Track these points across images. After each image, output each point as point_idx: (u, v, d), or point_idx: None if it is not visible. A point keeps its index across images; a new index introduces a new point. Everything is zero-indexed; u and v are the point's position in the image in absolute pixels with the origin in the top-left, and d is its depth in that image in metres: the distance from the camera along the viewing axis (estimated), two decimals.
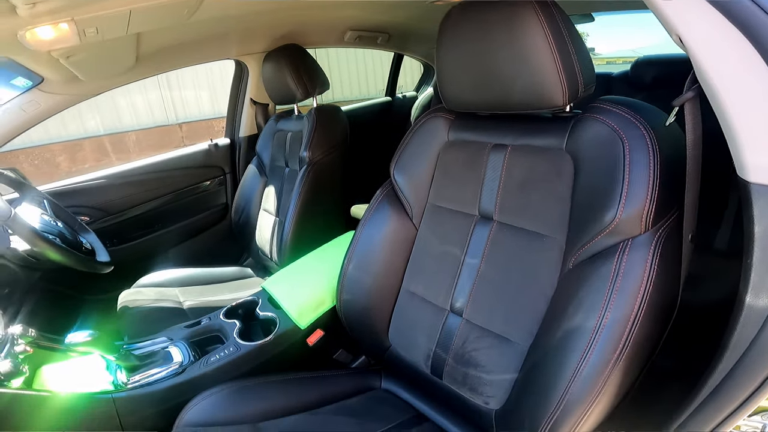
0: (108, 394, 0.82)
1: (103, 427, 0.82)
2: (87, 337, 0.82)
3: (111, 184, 1.54)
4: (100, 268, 1.08)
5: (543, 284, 0.69)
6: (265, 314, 1.01)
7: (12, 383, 0.75)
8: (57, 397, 0.77)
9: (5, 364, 0.74)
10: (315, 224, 1.37)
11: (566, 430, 0.59)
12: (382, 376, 0.96)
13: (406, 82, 2.75)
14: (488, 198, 0.78)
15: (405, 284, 0.89)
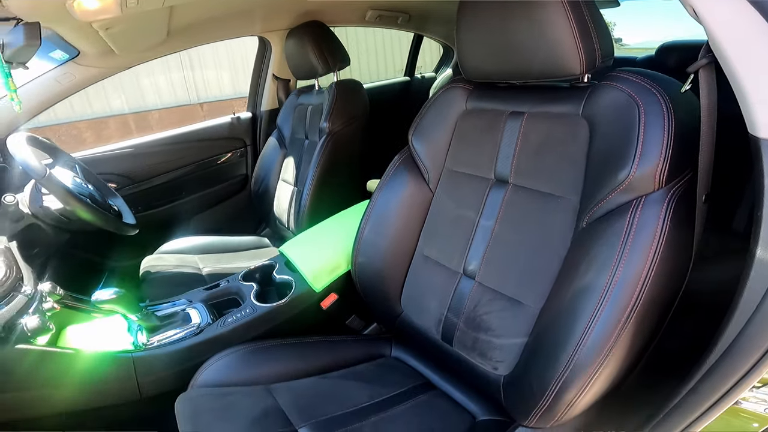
0: (128, 353, 0.86)
1: (121, 386, 0.85)
2: (112, 295, 0.85)
3: (138, 153, 1.61)
4: (126, 230, 1.12)
5: (556, 244, 0.70)
6: (281, 278, 1.04)
7: (38, 340, 0.78)
8: (80, 355, 0.82)
9: (33, 319, 0.78)
10: (332, 194, 1.39)
11: (573, 393, 0.60)
12: (393, 344, 0.99)
13: (425, 62, 2.74)
14: (504, 162, 0.80)
15: (419, 248, 0.91)
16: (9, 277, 0.78)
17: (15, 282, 0.80)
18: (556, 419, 0.64)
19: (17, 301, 0.78)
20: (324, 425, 0.75)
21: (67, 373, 0.81)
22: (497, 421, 0.78)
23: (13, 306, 0.76)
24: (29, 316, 0.78)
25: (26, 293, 0.80)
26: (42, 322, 0.78)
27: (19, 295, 0.79)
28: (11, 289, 0.78)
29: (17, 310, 0.76)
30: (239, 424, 0.73)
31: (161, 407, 0.82)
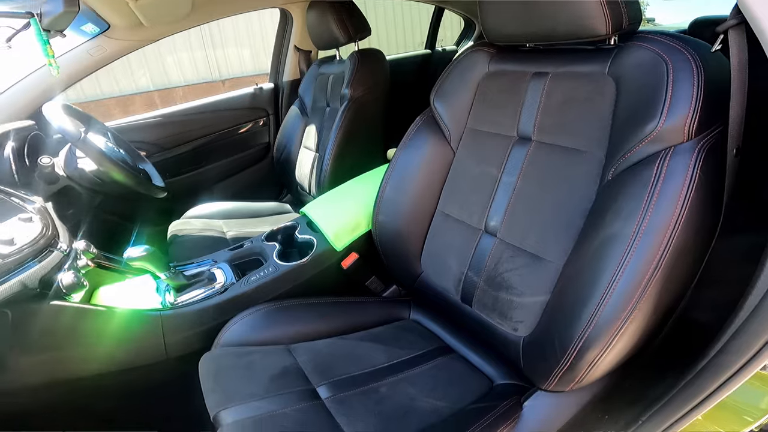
0: (156, 312, 0.88)
1: (149, 345, 0.88)
2: (143, 252, 0.87)
3: (165, 123, 1.67)
4: (156, 192, 1.16)
5: (581, 197, 0.68)
6: (303, 237, 1.06)
7: (72, 297, 0.80)
8: (112, 313, 0.84)
9: (68, 276, 0.79)
10: (353, 159, 1.40)
11: (596, 351, 0.58)
12: (411, 307, 1.00)
13: (445, 36, 2.68)
14: (527, 119, 0.78)
15: (440, 206, 0.91)
16: (45, 234, 0.80)
17: (51, 239, 0.81)
18: (577, 381, 0.63)
19: (53, 257, 0.79)
20: (342, 384, 0.77)
21: (99, 331, 0.83)
22: (515, 385, 0.78)
23: (49, 262, 0.77)
24: (65, 272, 0.79)
25: (62, 250, 0.82)
26: (77, 279, 0.79)
27: (54, 251, 0.80)
28: (47, 245, 0.79)
29: (53, 266, 0.78)
30: (259, 382, 0.75)
31: (186, 368, 0.85)
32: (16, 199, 0.90)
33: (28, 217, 0.83)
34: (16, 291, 0.69)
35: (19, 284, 0.70)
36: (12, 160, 1.01)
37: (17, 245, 0.74)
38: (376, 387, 0.77)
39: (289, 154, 1.66)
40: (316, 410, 0.72)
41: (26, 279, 0.72)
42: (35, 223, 0.82)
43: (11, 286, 0.69)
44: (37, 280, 0.74)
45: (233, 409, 0.71)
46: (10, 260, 0.71)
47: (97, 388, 0.88)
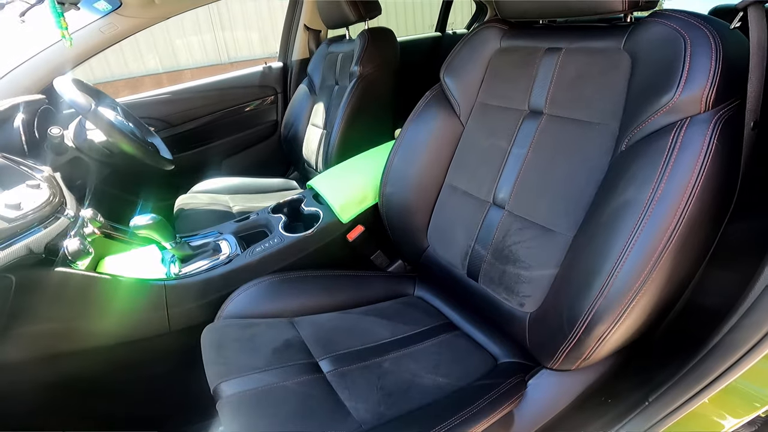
0: (161, 281, 0.88)
1: (153, 316, 0.87)
2: (149, 221, 0.87)
3: (174, 99, 1.68)
4: (163, 164, 1.16)
5: (593, 169, 0.67)
6: (309, 210, 1.05)
7: (78, 264, 0.80)
8: (116, 281, 0.83)
9: (74, 242, 0.78)
10: (361, 136, 1.39)
11: (605, 326, 0.57)
12: (416, 283, 0.99)
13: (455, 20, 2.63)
14: (539, 93, 0.77)
15: (448, 179, 0.90)
16: (52, 201, 0.79)
17: (58, 206, 0.81)
18: (584, 357, 0.62)
19: (59, 223, 0.79)
20: (344, 358, 0.77)
21: (103, 300, 0.82)
22: (519, 363, 0.77)
23: (55, 227, 0.77)
24: (70, 239, 0.79)
25: (68, 216, 0.82)
26: (83, 246, 0.79)
27: (61, 218, 0.80)
28: (54, 211, 0.79)
29: (59, 232, 0.77)
30: (261, 355, 0.75)
31: (188, 342, 0.85)
32: (25, 168, 0.90)
33: (36, 184, 0.82)
34: (21, 255, 0.68)
35: (25, 249, 0.69)
36: (22, 131, 1.01)
37: (24, 210, 0.74)
38: (379, 362, 0.76)
39: (297, 131, 1.65)
40: (318, 383, 0.71)
41: (32, 244, 0.71)
42: (43, 190, 0.82)
43: (16, 250, 0.68)
44: (42, 246, 0.73)
45: (234, 381, 0.70)
46: (16, 224, 0.71)
47: (99, 362, 0.88)
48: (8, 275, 0.66)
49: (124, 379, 0.94)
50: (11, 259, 0.66)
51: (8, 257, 0.66)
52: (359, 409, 0.67)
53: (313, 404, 0.67)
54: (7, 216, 0.71)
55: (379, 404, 0.68)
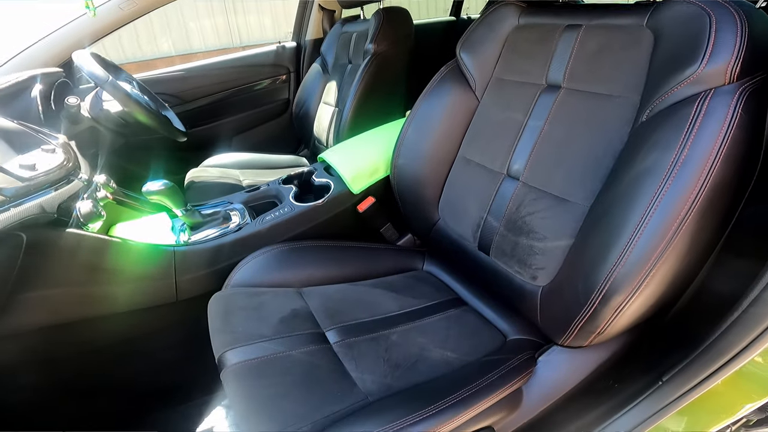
0: (170, 247, 0.88)
1: (161, 284, 0.87)
2: (161, 186, 0.87)
3: (188, 76, 1.68)
4: (176, 135, 1.16)
5: (612, 139, 0.65)
6: (320, 181, 1.05)
7: (90, 226, 0.80)
8: (126, 245, 0.83)
9: (86, 204, 0.79)
10: (372, 114, 1.38)
11: (621, 298, 0.55)
12: (425, 258, 0.98)
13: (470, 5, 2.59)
14: (557, 68, 0.76)
15: (461, 152, 0.89)
16: (66, 165, 0.80)
17: (72, 169, 0.81)
18: (597, 332, 0.60)
19: (73, 185, 0.79)
20: (351, 329, 0.76)
21: (112, 265, 0.82)
22: (529, 341, 0.75)
23: (68, 189, 0.77)
24: (83, 201, 0.80)
25: (82, 180, 0.83)
26: (95, 208, 0.80)
27: (75, 180, 0.80)
28: (68, 174, 0.79)
29: (72, 194, 0.78)
30: (268, 324, 0.75)
31: (195, 313, 0.85)
32: (41, 134, 0.91)
33: (51, 149, 0.82)
34: (34, 214, 0.68)
35: (38, 207, 0.69)
36: (39, 101, 1.02)
37: (38, 171, 0.74)
38: (386, 334, 0.76)
39: (308, 109, 1.65)
40: (324, 354, 0.71)
41: (44, 203, 0.71)
42: (57, 154, 0.82)
43: (29, 208, 0.67)
44: (55, 206, 0.73)
45: (239, 349, 0.70)
46: (30, 184, 0.70)
47: (104, 333, 0.88)
48: (19, 233, 0.65)
49: (128, 351, 0.94)
50: (23, 216, 0.66)
51: (20, 215, 0.65)
52: (365, 381, 0.67)
53: (319, 374, 0.67)
54: (21, 175, 0.70)
55: (386, 376, 0.68)
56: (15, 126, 0.84)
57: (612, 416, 0.70)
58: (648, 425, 0.65)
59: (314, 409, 0.61)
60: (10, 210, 0.64)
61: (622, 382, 0.75)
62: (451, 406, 0.58)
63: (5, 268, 0.65)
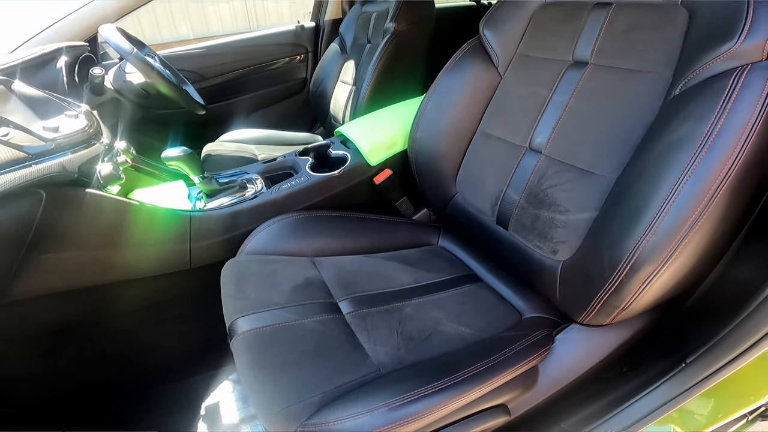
0: (186, 212, 0.88)
1: (175, 250, 0.87)
2: (180, 153, 0.87)
3: (208, 54, 1.71)
4: (196, 107, 1.17)
5: (642, 112, 0.63)
6: (337, 153, 1.04)
7: (109, 188, 0.81)
8: (143, 208, 0.83)
9: (107, 166, 0.80)
10: (391, 92, 1.36)
11: (650, 269, 0.52)
12: (440, 233, 0.97)
13: None
14: (585, 45, 0.74)
15: (481, 127, 0.87)
16: (88, 130, 0.80)
17: (94, 134, 0.82)
18: (622, 307, 0.58)
19: (94, 148, 0.80)
20: (364, 300, 0.75)
21: (129, 228, 0.82)
22: (546, 319, 0.74)
23: (90, 151, 0.78)
24: (104, 163, 0.81)
25: (103, 143, 0.84)
26: (115, 171, 0.81)
27: (96, 143, 0.81)
28: (90, 137, 0.80)
29: (93, 156, 0.79)
30: (280, 291, 0.74)
31: (208, 281, 0.85)
32: (65, 103, 0.92)
33: (74, 115, 0.84)
34: (55, 172, 0.68)
35: (59, 166, 0.70)
36: (64, 72, 1.04)
37: (61, 133, 0.75)
38: (400, 307, 0.75)
39: (325, 88, 1.65)
40: (336, 323, 0.70)
41: (66, 162, 0.71)
42: (80, 120, 0.83)
43: (50, 166, 0.68)
44: (76, 166, 0.74)
45: (251, 317, 0.70)
46: (53, 144, 0.71)
47: (116, 299, 0.88)
48: (39, 190, 0.66)
49: (139, 321, 0.95)
50: (44, 174, 0.66)
51: (41, 172, 0.66)
52: (378, 353, 0.66)
53: (332, 344, 0.66)
54: (44, 136, 0.71)
55: (399, 349, 0.67)
56: (40, 94, 0.85)
57: (632, 398, 0.68)
58: (671, 407, 0.63)
59: (325, 379, 0.60)
60: (32, 166, 0.64)
61: (640, 365, 0.73)
62: (466, 379, 0.57)
63: (24, 224, 0.65)
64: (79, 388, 0.95)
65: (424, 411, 0.54)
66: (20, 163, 0.63)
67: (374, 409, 0.53)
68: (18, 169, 0.62)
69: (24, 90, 0.84)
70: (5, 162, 0.61)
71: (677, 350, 0.67)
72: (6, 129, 0.68)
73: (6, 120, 0.70)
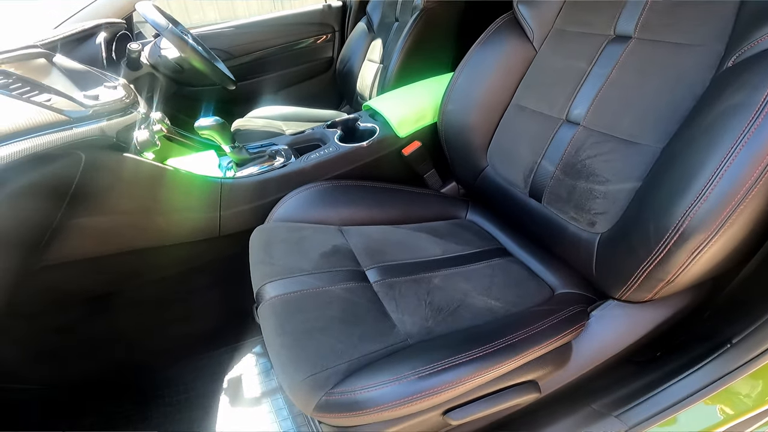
0: (217, 180, 0.89)
1: (205, 217, 0.89)
2: (213, 122, 0.89)
3: (238, 32, 1.73)
4: (227, 82, 1.20)
5: (691, 84, 0.60)
6: (365, 125, 1.03)
7: (145, 154, 0.83)
8: (177, 173, 0.85)
9: (143, 133, 0.83)
10: (420, 70, 1.32)
11: (701, 237, 0.49)
12: (469, 207, 0.95)
13: None
14: (627, 19, 0.70)
15: (515, 100, 0.85)
16: (126, 99, 0.84)
17: (131, 103, 0.86)
18: (666, 281, 0.55)
19: (132, 116, 0.83)
20: (392, 270, 0.74)
21: (162, 192, 0.83)
22: (580, 295, 0.71)
23: (128, 118, 0.81)
24: (141, 130, 0.84)
25: (140, 112, 0.87)
26: (151, 138, 0.84)
27: (134, 112, 0.84)
28: (128, 106, 0.83)
29: (131, 123, 0.81)
30: (309, 257, 0.74)
31: (235, 251, 0.86)
32: (104, 76, 0.95)
33: (113, 86, 0.87)
34: (94, 136, 0.71)
35: (98, 130, 0.72)
36: (103, 47, 1.08)
37: (101, 101, 0.78)
38: (428, 277, 0.73)
39: (352, 66, 1.64)
40: (363, 291, 0.69)
41: (105, 127, 0.74)
42: (119, 90, 0.86)
43: (90, 130, 0.70)
44: (115, 132, 0.76)
45: (279, 282, 0.69)
46: (93, 110, 0.74)
47: (146, 265, 0.90)
48: (79, 152, 0.67)
49: (167, 290, 0.96)
50: (84, 137, 0.68)
51: (81, 135, 0.68)
52: (406, 322, 0.65)
53: (359, 312, 0.65)
54: (85, 103, 0.74)
55: (427, 319, 0.65)
56: (80, 67, 0.89)
57: (670, 380, 0.65)
58: (715, 389, 0.60)
59: (352, 346, 0.59)
60: (72, 129, 0.66)
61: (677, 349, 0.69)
62: (499, 350, 0.55)
63: (63, 184, 0.67)
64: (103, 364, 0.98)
65: (454, 381, 0.52)
66: (62, 125, 0.65)
67: (403, 378, 0.52)
68: (60, 131, 0.63)
69: (65, 63, 0.87)
70: (48, 124, 0.63)
71: (720, 332, 0.63)
72: (48, 95, 0.70)
73: (49, 87, 0.73)
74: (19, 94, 0.65)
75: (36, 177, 0.59)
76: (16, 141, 0.55)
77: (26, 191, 0.58)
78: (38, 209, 0.65)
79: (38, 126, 0.61)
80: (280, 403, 0.95)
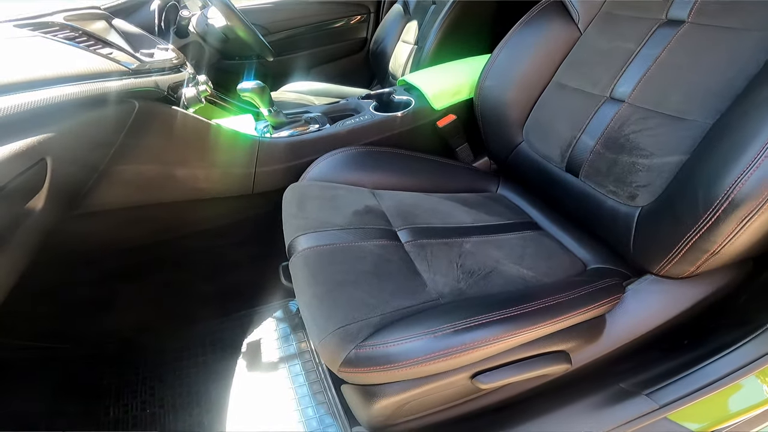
0: (256, 138, 0.91)
1: (241, 173, 0.91)
2: (255, 86, 0.92)
3: (276, 9, 1.77)
4: (267, 53, 1.24)
5: (746, 63, 0.60)
6: (400, 98, 1.05)
7: (190, 110, 0.87)
8: (219, 128, 0.87)
9: (191, 90, 0.88)
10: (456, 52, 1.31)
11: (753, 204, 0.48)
12: (500, 181, 0.96)
13: None
14: (682, 4, 0.70)
15: (555, 78, 0.86)
16: (176, 60, 0.90)
17: (181, 63, 0.92)
18: (711, 252, 0.53)
19: (182, 74, 0.88)
20: (424, 232, 0.74)
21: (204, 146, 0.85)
22: (614, 270, 0.70)
23: (178, 75, 0.86)
24: (188, 88, 0.88)
25: (189, 72, 0.92)
26: (198, 95, 0.89)
27: (183, 71, 0.90)
28: (178, 65, 0.89)
29: (180, 81, 0.86)
30: (341, 214, 0.75)
31: (267, 209, 0.88)
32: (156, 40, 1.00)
33: (165, 48, 0.92)
34: (149, 87, 0.75)
35: (152, 83, 0.76)
36: (156, 14, 1.14)
37: (156, 58, 0.83)
38: (460, 242, 0.73)
39: (386, 46, 1.65)
40: (395, 250, 0.70)
41: (159, 81, 0.78)
42: (170, 52, 0.91)
43: (145, 81, 0.74)
44: (166, 86, 0.80)
45: (311, 235, 0.70)
46: (149, 64, 0.78)
47: (182, 219, 0.92)
48: (133, 100, 0.71)
49: (199, 245, 0.98)
50: (139, 87, 0.72)
51: (137, 85, 0.71)
52: (437, 282, 0.65)
53: (391, 268, 0.65)
54: (143, 59, 0.79)
55: (459, 281, 0.66)
56: (137, 30, 0.94)
57: (703, 362, 0.63)
58: (751, 369, 0.58)
59: (384, 302, 0.59)
60: (130, 79, 0.70)
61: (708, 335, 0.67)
62: (535, 311, 0.54)
63: (116, 128, 0.70)
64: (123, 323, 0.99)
65: (490, 338, 0.51)
66: (121, 75, 0.69)
67: (438, 330, 0.51)
68: (118, 79, 0.67)
69: (123, 26, 0.92)
70: (108, 72, 0.66)
71: (754, 318, 0.62)
72: (110, 49, 0.75)
73: (110, 42, 0.77)
74: (86, 46, 0.69)
75: (95, 117, 0.62)
76: (83, 82, 0.59)
77: (85, 129, 0.62)
78: (92, 149, 0.68)
79: (101, 72, 0.64)
80: (297, 369, 0.95)
